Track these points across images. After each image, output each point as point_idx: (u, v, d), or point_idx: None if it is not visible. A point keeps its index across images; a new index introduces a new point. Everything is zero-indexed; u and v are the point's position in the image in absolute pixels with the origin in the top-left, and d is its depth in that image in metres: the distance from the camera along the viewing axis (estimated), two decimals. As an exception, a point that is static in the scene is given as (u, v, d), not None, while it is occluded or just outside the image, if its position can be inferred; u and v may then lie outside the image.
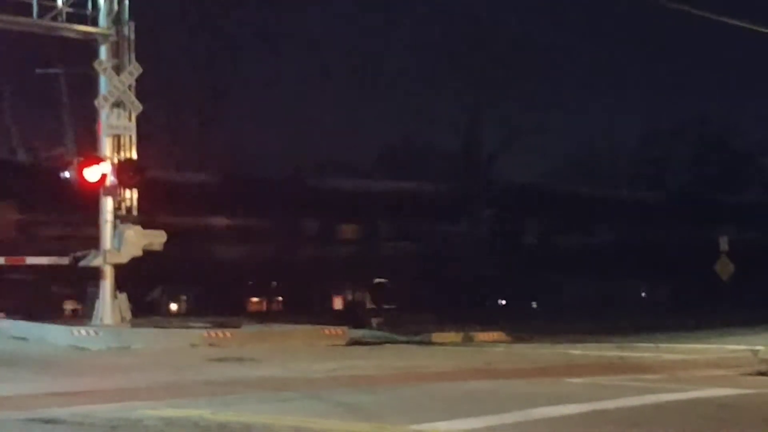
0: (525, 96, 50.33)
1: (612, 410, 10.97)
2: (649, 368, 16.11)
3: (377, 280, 42.20)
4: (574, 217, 46.84)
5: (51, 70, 33.99)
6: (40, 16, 22.73)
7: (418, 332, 24.12)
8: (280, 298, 41.08)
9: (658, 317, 32.42)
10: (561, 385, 13.63)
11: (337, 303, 41.82)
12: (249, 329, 22.80)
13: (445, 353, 19.94)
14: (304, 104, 48.47)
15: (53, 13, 22.80)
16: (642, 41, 56.35)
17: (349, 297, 42.85)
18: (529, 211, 46.34)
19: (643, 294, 52.78)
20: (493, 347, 21.71)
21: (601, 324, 28.84)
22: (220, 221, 37.50)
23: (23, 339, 22.43)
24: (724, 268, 36.01)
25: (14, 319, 24.90)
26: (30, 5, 22.54)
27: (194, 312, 33.30)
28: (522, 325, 26.41)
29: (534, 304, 48.00)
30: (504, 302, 46.09)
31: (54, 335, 21.81)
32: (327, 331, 22.43)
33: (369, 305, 41.19)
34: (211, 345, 20.51)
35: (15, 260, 25.98)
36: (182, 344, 20.60)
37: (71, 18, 23.04)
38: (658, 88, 61.31)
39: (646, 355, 19.00)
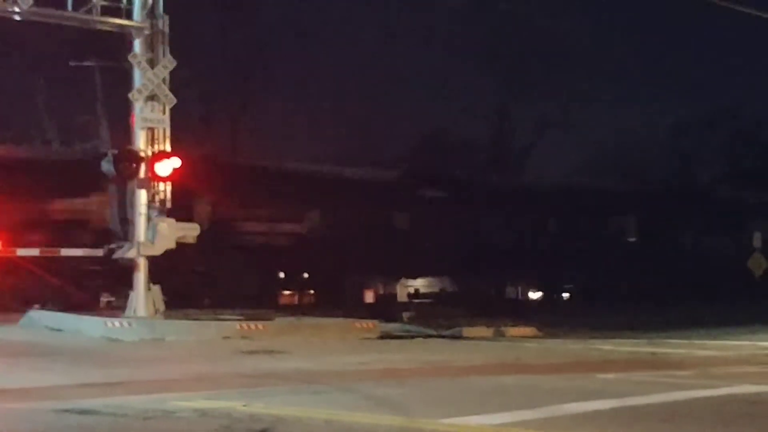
0: (555, 89, 50.21)
1: (643, 406, 10.93)
2: (681, 364, 16.04)
3: None
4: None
5: (85, 63, 34.25)
6: (75, 9, 22.91)
7: (449, 327, 24.14)
8: (312, 291, 41.21)
9: (689, 313, 32.22)
10: (592, 381, 13.60)
11: (369, 296, 41.92)
12: (281, 322, 22.90)
13: (475, 348, 19.94)
14: (336, 97, 48.58)
15: (88, 6, 22.97)
16: (673, 33, 55.95)
17: (381, 290, 42.95)
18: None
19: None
20: (524, 342, 21.67)
21: (633, 319, 28.73)
22: (257, 213, 37.68)
23: (58, 330, 22.66)
24: (757, 264, 35.74)
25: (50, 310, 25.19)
26: (66, -1, 22.74)
27: (227, 304, 33.49)
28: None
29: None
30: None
31: (88, 327, 22.01)
32: (358, 325, 22.49)
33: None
34: (243, 337, 20.63)
35: (49, 251, 26.21)
36: (215, 336, 20.74)
37: (106, 11, 23.19)
38: (689, 80, 60.83)
39: (678, 351, 18.91)
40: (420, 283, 44.67)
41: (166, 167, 22.83)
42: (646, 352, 18.50)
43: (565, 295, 49.95)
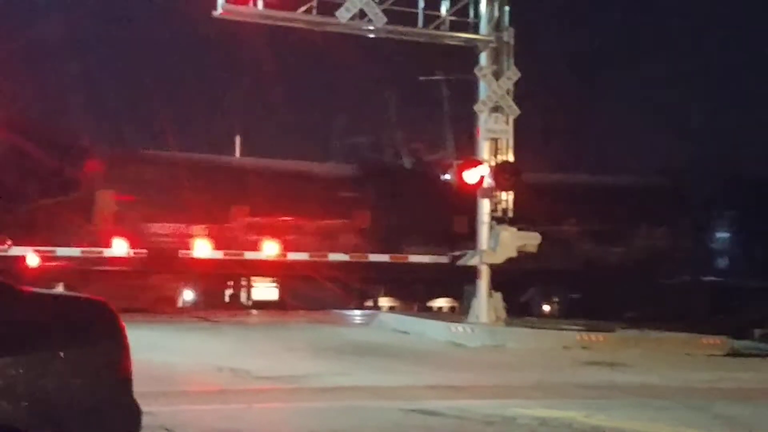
0: None
1: None
2: None
3: None
4: None
5: (434, 77, 35.39)
6: (425, 25, 23.71)
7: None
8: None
9: None
10: None
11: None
12: (622, 334, 22.48)
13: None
14: (677, 105, 47.02)
15: (437, 23, 23.69)
16: None
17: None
18: None
19: None
20: None
21: None
22: (594, 223, 37.27)
23: (404, 332, 23.56)
24: None
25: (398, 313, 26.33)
26: (415, 15, 23.59)
27: (566, 314, 33.37)
28: None
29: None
30: None
31: (433, 330, 22.71)
32: (704, 341, 21.66)
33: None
34: (583, 348, 20.48)
35: (398, 257, 27.52)
36: (554, 345, 20.72)
37: (453, 26, 23.82)
38: None
39: None
40: None
41: (510, 177, 23.22)
42: None
43: None
